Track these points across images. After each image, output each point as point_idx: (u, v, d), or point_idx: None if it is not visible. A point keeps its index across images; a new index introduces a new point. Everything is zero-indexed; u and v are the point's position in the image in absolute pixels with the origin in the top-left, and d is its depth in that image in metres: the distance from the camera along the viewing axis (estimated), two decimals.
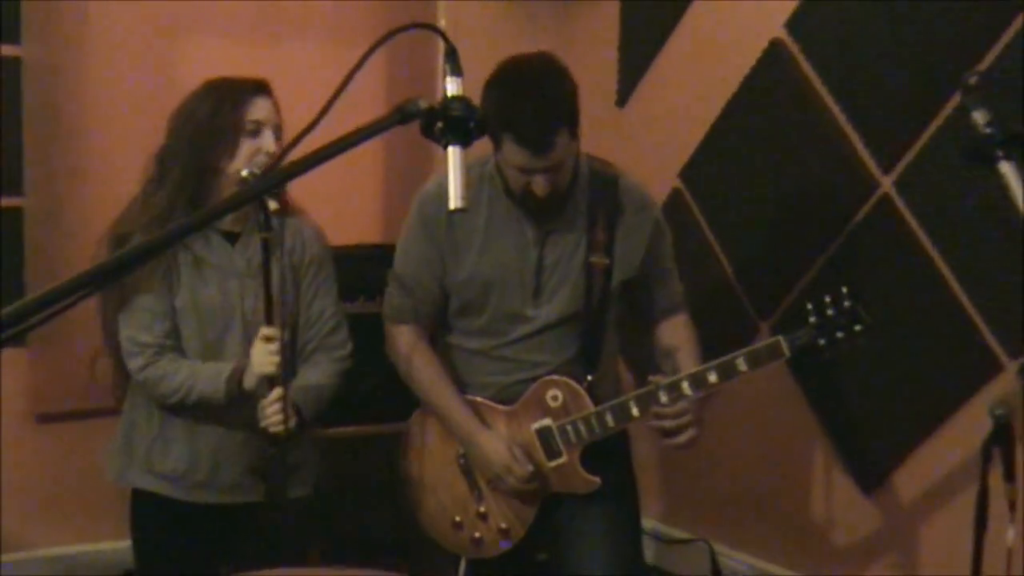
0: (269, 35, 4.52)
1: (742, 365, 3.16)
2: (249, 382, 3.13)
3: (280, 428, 3.07)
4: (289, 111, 3.20)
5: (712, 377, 3.18)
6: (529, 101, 3.07)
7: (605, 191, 3.33)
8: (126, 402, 3.39)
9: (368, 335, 3.50)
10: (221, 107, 3.16)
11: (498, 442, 3.30)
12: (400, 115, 1.87)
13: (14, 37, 4.12)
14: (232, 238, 3.26)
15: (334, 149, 1.81)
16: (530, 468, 3.27)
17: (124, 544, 3.47)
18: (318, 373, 3.34)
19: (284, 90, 3.29)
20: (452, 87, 1.95)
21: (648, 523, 4.68)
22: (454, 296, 3.39)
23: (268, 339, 3.06)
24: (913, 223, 3.72)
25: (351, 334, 3.42)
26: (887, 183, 3.79)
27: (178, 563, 3.26)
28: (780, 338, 3.14)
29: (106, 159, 4.23)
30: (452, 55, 1.98)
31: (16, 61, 4.12)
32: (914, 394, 3.76)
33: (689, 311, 3.52)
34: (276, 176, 2.54)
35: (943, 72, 3.58)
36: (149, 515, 3.36)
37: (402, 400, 3.51)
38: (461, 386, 3.41)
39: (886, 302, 3.70)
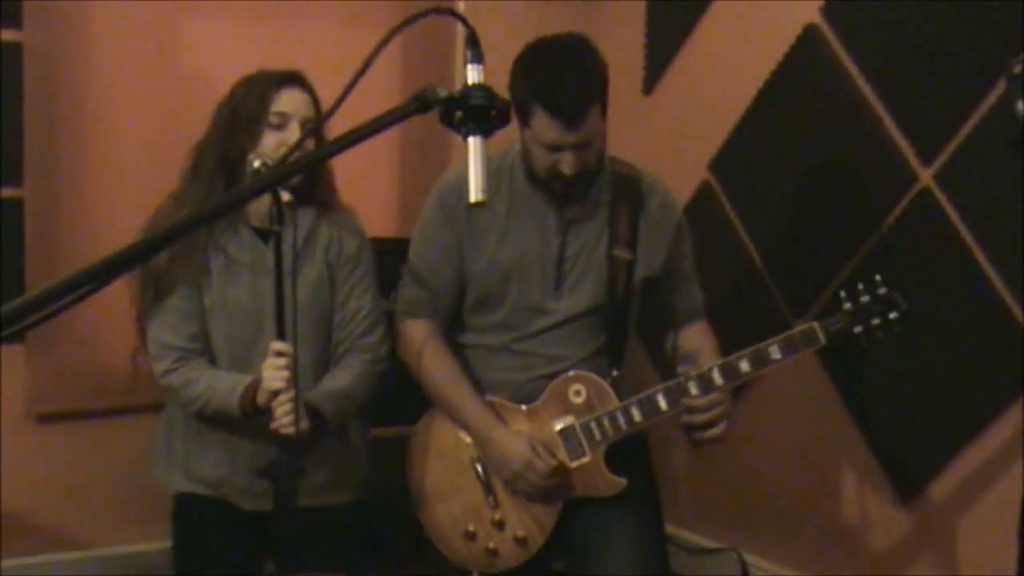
0: (279, 20, 4.39)
1: (775, 353, 3.10)
2: (262, 398, 3.09)
3: (291, 430, 3.01)
4: None
5: (744, 366, 3.11)
6: (563, 73, 3.05)
7: (628, 186, 3.30)
8: (166, 402, 3.39)
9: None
10: (247, 98, 3.18)
11: (517, 438, 3.21)
12: (418, 103, 1.81)
13: (16, 22, 3.99)
14: (266, 235, 3.22)
15: (349, 139, 1.77)
16: (553, 462, 3.17)
17: (128, 549, 3.43)
18: (345, 376, 3.30)
19: None
20: (472, 74, 1.89)
21: (676, 531, 4.57)
22: (472, 287, 3.32)
23: (279, 354, 3.02)
24: (954, 218, 3.59)
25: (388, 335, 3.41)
26: (927, 176, 3.66)
27: (220, 565, 3.23)
28: (815, 324, 3.09)
29: (109, 149, 4.12)
30: (473, 41, 1.91)
31: (17, 47, 3.99)
32: (956, 398, 3.62)
33: (707, 319, 3.49)
34: (289, 168, 2.53)
35: (987, 58, 3.45)
36: (192, 516, 3.35)
37: (419, 402, 3.42)
38: (477, 387, 3.32)
39: (926, 300, 3.54)
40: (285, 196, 2.96)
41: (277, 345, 3.01)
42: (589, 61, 3.11)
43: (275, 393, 3.02)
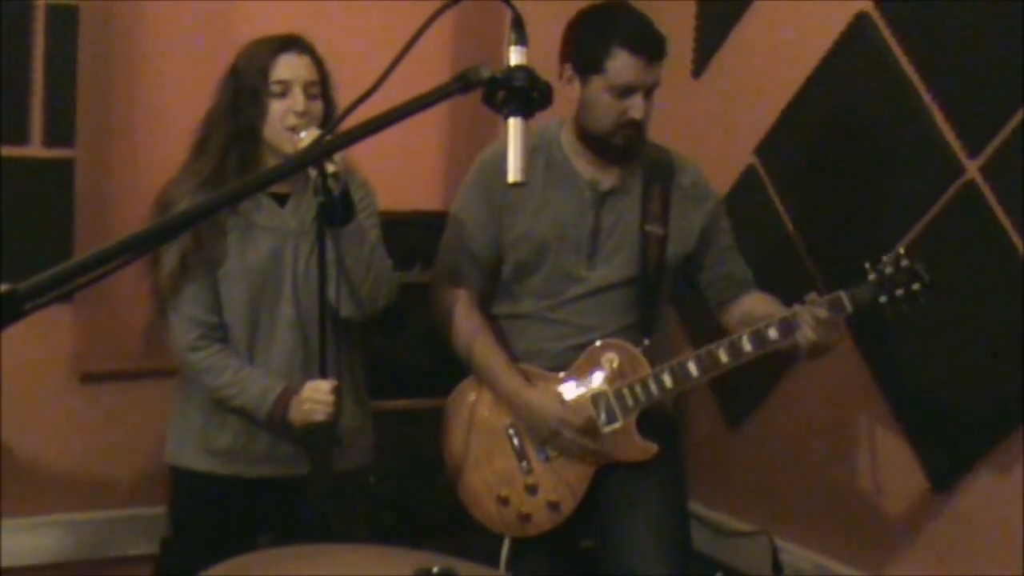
0: None
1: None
2: (296, 417, 3.12)
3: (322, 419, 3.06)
4: (354, 70, 3.05)
5: (772, 333, 3.20)
6: (640, 15, 3.24)
7: (660, 163, 3.38)
8: (179, 375, 3.36)
9: (425, 304, 3.49)
10: (247, 70, 3.15)
11: (548, 396, 3.29)
12: (461, 83, 1.83)
13: None
14: (281, 200, 3.23)
15: (394, 116, 1.77)
16: (587, 415, 3.25)
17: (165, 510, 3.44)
18: None
19: (350, 49, 3.22)
20: (516, 56, 1.91)
21: (708, 513, 4.60)
22: (509, 254, 3.38)
23: (325, 387, 3.06)
24: (999, 212, 3.55)
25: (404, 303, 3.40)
26: (973, 168, 3.63)
27: (216, 537, 3.18)
28: (841, 293, 3.16)
29: (161, 112, 4.15)
30: (517, 24, 1.94)
31: (73, 9, 4.02)
32: (997, 389, 3.59)
33: None
34: (334, 141, 2.51)
35: None
36: (190, 492, 3.36)
37: (457, 374, 3.47)
38: (511, 357, 3.38)
39: (969, 293, 3.56)
40: (331, 167, 2.95)
41: (324, 384, 3.06)
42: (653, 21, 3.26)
43: (317, 425, 3.05)
